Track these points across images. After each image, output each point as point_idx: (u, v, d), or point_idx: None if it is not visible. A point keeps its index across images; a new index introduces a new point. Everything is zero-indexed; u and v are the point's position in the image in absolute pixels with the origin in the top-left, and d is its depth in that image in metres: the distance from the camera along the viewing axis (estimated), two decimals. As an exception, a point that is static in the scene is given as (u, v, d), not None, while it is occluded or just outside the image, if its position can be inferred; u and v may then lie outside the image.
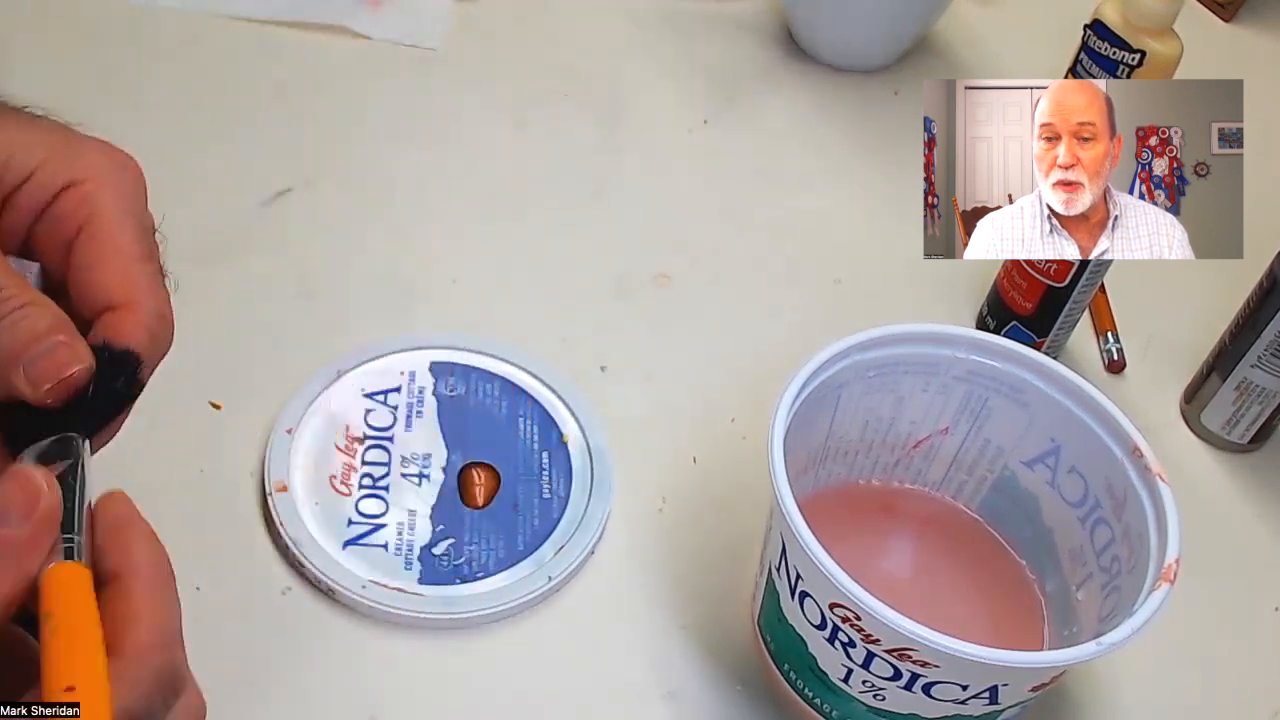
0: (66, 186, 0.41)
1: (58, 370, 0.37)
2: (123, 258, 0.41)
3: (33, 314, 0.38)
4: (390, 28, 0.77)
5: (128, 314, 0.40)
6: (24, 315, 0.38)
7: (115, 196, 0.41)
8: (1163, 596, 0.43)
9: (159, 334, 0.40)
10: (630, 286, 0.66)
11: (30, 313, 0.38)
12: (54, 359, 0.37)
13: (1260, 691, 0.54)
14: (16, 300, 0.38)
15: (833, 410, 0.52)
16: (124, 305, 0.40)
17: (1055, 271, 0.60)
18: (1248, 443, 0.63)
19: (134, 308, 0.40)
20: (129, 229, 0.41)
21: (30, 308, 0.38)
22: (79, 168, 0.41)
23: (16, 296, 0.38)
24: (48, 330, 0.38)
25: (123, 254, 0.41)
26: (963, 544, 0.55)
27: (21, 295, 0.38)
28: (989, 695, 0.44)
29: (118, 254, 0.41)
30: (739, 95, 0.78)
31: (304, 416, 0.56)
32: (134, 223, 0.41)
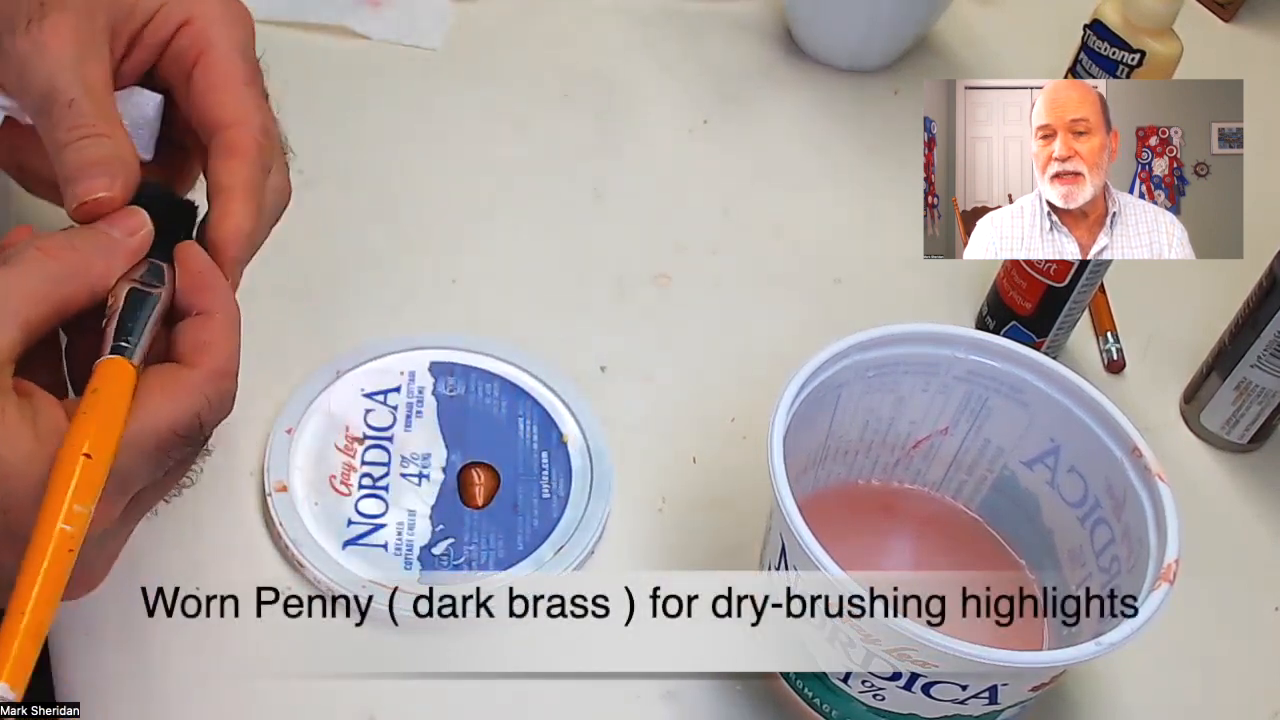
0: (183, 23, 0.46)
1: (88, 192, 0.42)
2: (233, 83, 0.46)
3: (96, 143, 0.42)
4: (390, 28, 0.77)
5: (237, 130, 0.45)
6: (89, 143, 0.42)
7: (226, 32, 0.46)
8: (1162, 596, 0.43)
9: (264, 145, 0.45)
10: (630, 286, 0.66)
11: (94, 141, 0.42)
12: (88, 184, 0.42)
13: (1260, 691, 0.54)
14: (88, 129, 0.42)
15: (832, 410, 0.52)
16: (234, 123, 0.45)
17: (1055, 271, 0.60)
18: (1247, 443, 0.63)
19: (242, 124, 0.45)
20: (237, 59, 0.46)
21: (97, 138, 0.42)
22: (195, 8, 0.46)
23: (89, 125, 0.43)
24: (104, 158, 0.42)
25: (233, 80, 0.46)
26: (962, 544, 0.55)
27: (93, 125, 0.43)
28: (989, 695, 0.44)
29: (228, 80, 0.46)
30: (739, 95, 0.78)
31: (304, 416, 0.56)
32: (241, 54, 0.46)
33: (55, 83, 0.43)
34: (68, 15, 0.44)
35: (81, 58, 0.44)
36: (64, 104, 0.43)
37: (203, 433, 0.39)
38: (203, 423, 0.39)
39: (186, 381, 0.39)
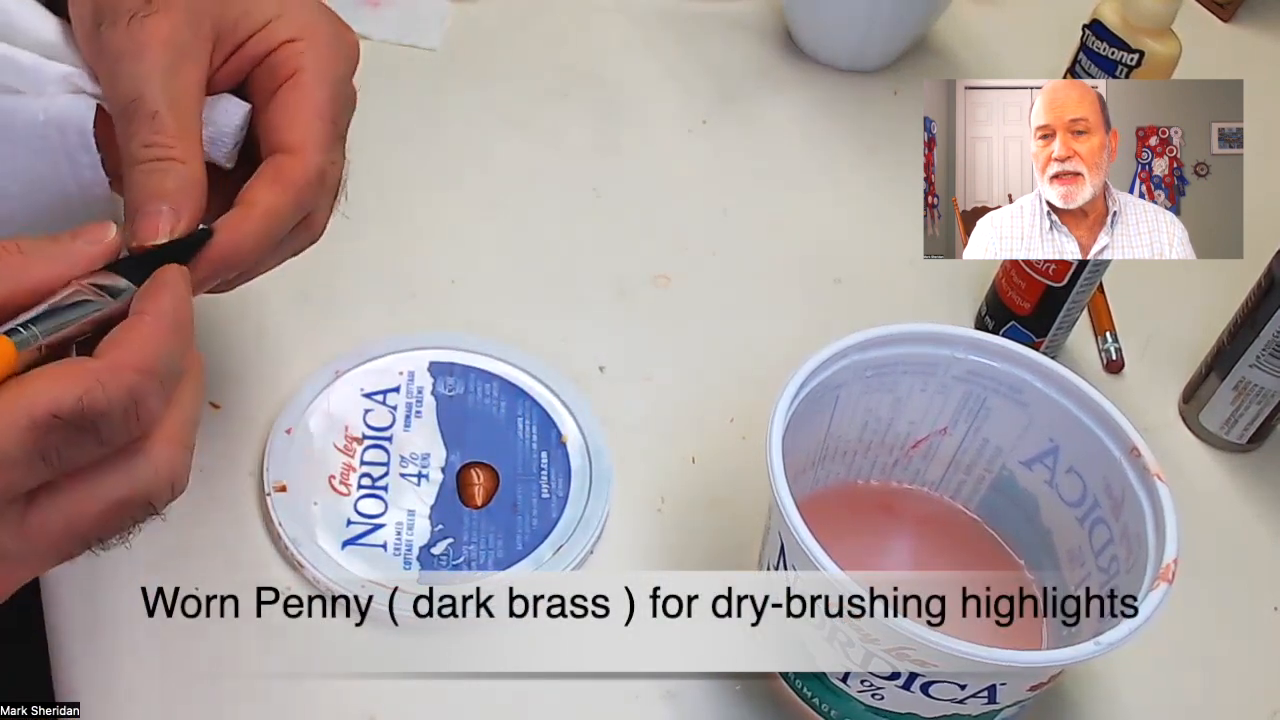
0: (288, 40, 0.45)
1: (147, 236, 0.40)
2: (309, 112, 0.44)
3: (172, 169, 0.41)
4: (390, 28, 0.77)
5: (292, 160, 0.43)
6: (162, 169, 0.41)
7: (325, 59, 0.45)
8: (1161, 596, 0.43)
9: (310, 186, 0.43)
10: (630, 286, 0.66)
11: (167, 168, 0.41)
12: (153, 223, 0.40)
13: (1260, 691, 0.54)
14: (164, 149, 0.41)
15: (831, 410, 0.52)
16: (292, 151, 0.43)
17: (1054, 271, 0.60)
18: (1246, 442, 0.63)
19: (299, 157, 0.43)
20: (324, 89, 0.44)
21: (170, 163, 0.41)
22: (304, 26, 0.45)
23: (166, 145, 0.41)
24: (168, 192, 0.41)
25: (310, 109, 0.44)
26: (962, 544, 0.55)
27: (170, 146, 0.41)
28: (987, 695, 0.44)
29: (306, 107, 0.44)
30: (739, 95, 0.78)
31: (303, 417, 0.56)
32: (331, 86, 0.45)
33: (142, 89, 0.41)
34: (172, 16, 0.42)
35: (177, 64, 0.42)
36: (146, 115, 0.41)
37: (94, 426, 0.35)
38: (91, 412, 0.34)
39: (78, 367, 0.35)
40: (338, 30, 0.47)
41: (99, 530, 0.37)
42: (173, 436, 0.37)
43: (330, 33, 0.46)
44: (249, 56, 0.45)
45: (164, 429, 0.37)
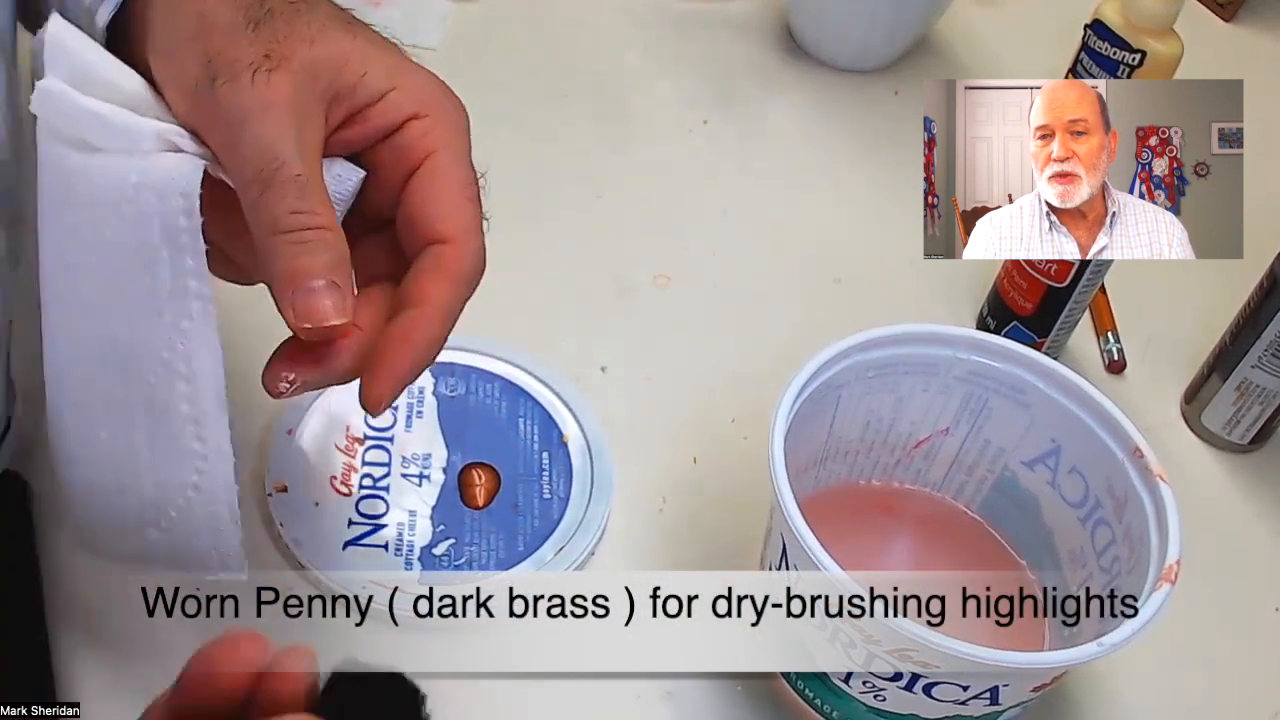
0: (413, 116, 0.43)
1: (322, 315, 0.38)
2: (458, 197, 0.43)
3: (324, 241, 0.38)
4: (390, 28, 0.77)
5: (455, 249, 0.42)
6: (317, 239, 0.38)
7: (456, 137, 0.44)
8: (1163, 597, 0.43)
9: (477, 271, 0.43)
10: (630, 286, 0.66)
11: (323, 238, 0.38)
12: (321, 301, 0.38)
13: (1261, 691, 0.54)
14: (310, 217, 0.38)
15: (833, 410, 0.52)
16: (452, 240, 0.42)
17: (1055, 271, 0.60)
18: (1248, 443, 0.63)
19: (461, 245, 0.42)
20: (465, 169, 0.43)
21: (325, 233, 0.39)
22: (425, 101, 0.43)
23: (312, 213, 0.38)
24: (326, 267, 0.38)
25: (458, 193, 0.43)
26: (963, 544, 0.55)
27: (316, 214, 0.39)
28: (990, 696, 0.44)
29: (454, 192, 0.42)
30: (739, 95, 0.78)
31: (304, 417, 0.56)
32: (467, 164, 0.43)
33: (278, 150, 0.38)
34: (291, 75, 0.39)
35: (303, 125, 0.39)
36: (288, 177, 0.38)
37: None
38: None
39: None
40: (454, 101, 0.45)
41: None
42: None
43: (449, 104, 0.44)
44: (372, 128, 0.42)
45: None
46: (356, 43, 0.42)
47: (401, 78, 0.43)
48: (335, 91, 0.41)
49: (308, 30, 0.41)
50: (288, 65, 0.39)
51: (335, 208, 0.42)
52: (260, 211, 0.38)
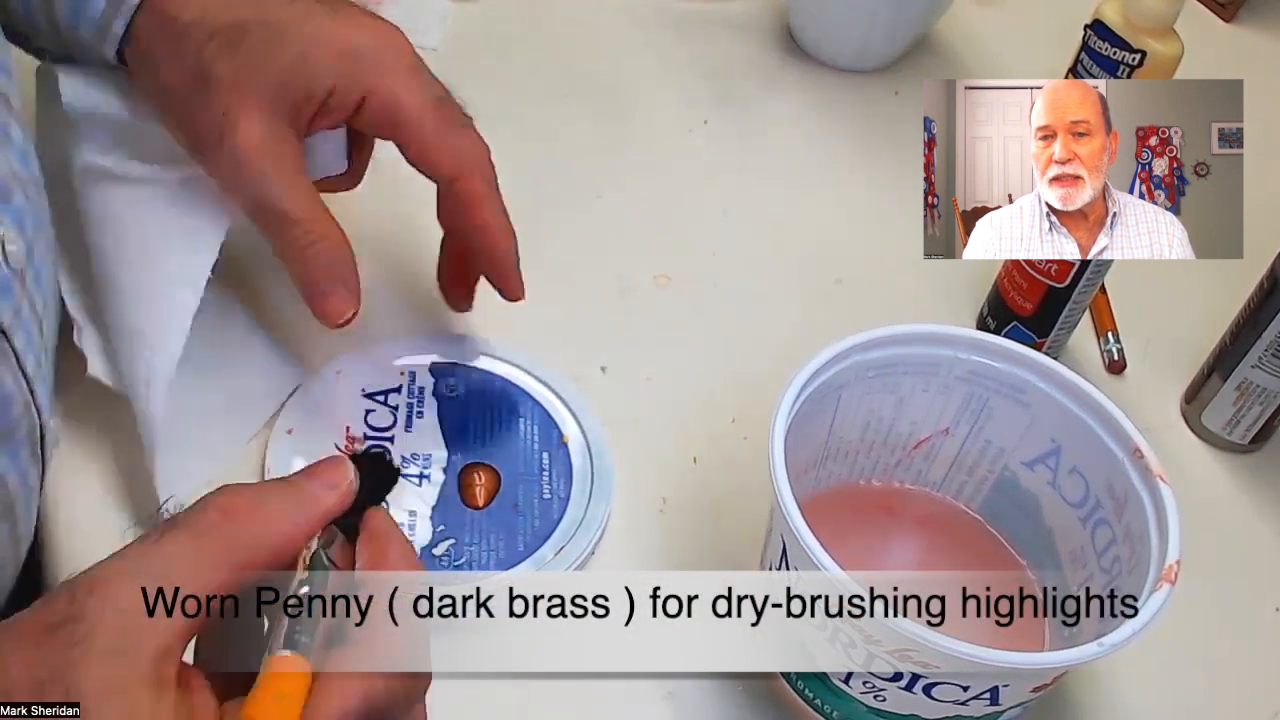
0: (364, 98, 0.50)
1: (337, 315, 0.49)
2: (438, 137, 0.51)
3: (319, 250, 0.48)
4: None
5: (467, 181, 0.52)
6: (319, 249, 0.48)
7: (405, 87, 0.50)
8: (1164, 597, 0.43)
9: (490, 178, 0.53)
10: (630, 286, 0.66)
11: (323, 247, 0.48)
12: (332, 303, 0.48)
13: (1261, 691, 0.54)
14: (311, 234, 0.48)
15: (833, 411, 0.52)
16: (460, 175, 0.52)
17: (1056, 272, 0.60)
18: (1248, 443, 0.63)
19: (468, 174, 0.52)
20: (428, 111, 0.50)
21: (319, 242, 0.48)
22: (367, 81, 0.49)
23: (310, 231, 0.48)
24: (329, 270, 0.48)
25: (436, 133, 0.51)
26: (963, 544, 0.55)
27: (313, 228, 0.48)
28: (990, 696, 0.44)
29: (433, 136, 0.51)
30: (739, 95, 0.78)
31: (305, 417, 0.56)
32: (427, 101, 0.50)
33: (265, 196, 0.48)
34: (252, 119, 0.47)
35: (279, 156, 0.48)
36: (277, 214, 0.48)
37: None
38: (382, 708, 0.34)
39: (364, 676, 0.34)
40: (387, 43, 0.51)
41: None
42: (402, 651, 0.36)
43: (385, 55, 0.51)
44: (335, 116, 0.50)
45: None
46: (303, 38, 0.49)
47: (341, 63, 0.49)
48: (294, 109, 0.48)
49: (268, 48, 0.48)
50: (246, 115, 0.47)
51: (334, 165, 0.54)
52: (272, 243, 0.48)
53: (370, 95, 0.49)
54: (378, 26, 0.51)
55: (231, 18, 0.48)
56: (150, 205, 0.52)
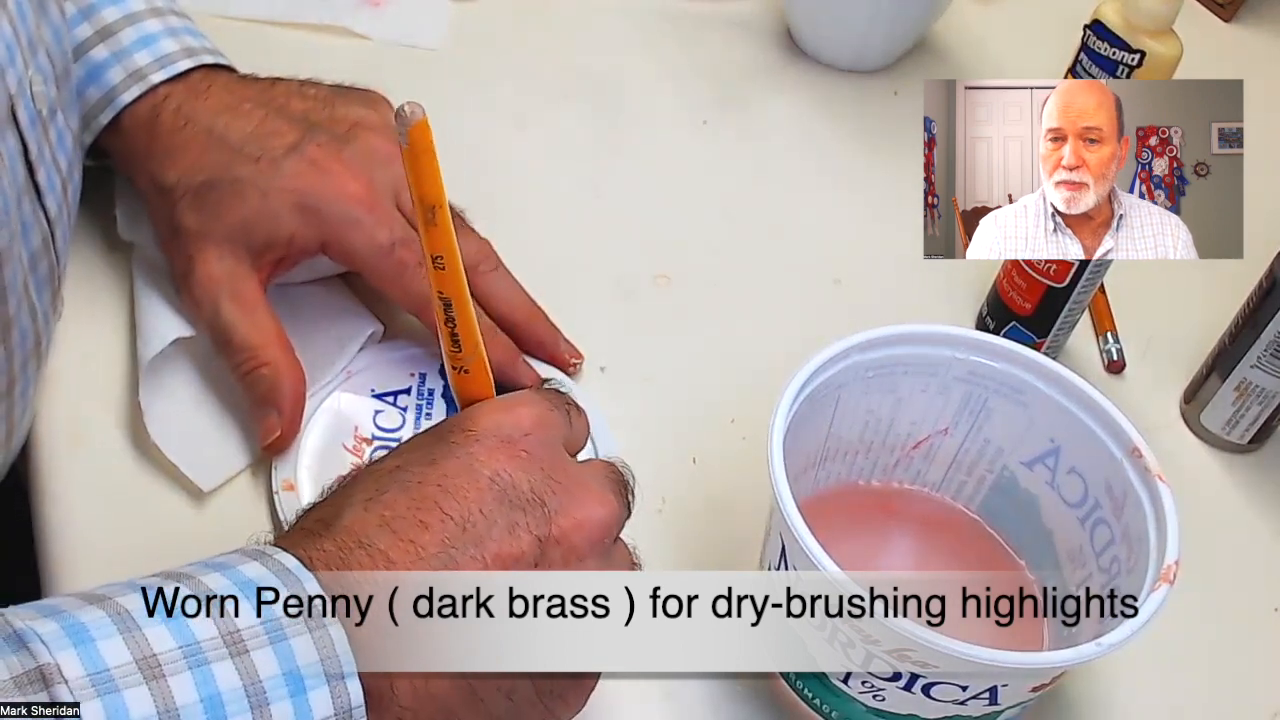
0: (323, 247, 0.55)
1: (264, 436, 0.53)
2: (394, 282, 0.56)
3: (259, 377, 0.53)
4: (390, 28, 0.77)
5: (429, 315, 0.52)
6: (255, 378, 0.53)
7: (355, 239, 0.55)
8: (1162, 597, 0.43)
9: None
10: (630, 286, 0.66)
11: (257, 376, 0.53)
12: (263, 426, 0.53)
13: (1260, 691, 0.54)
14: (251, 361, 0.53)
15: (832, 411, 0.52)
16: (421, 310, 0.56)
17: (1055, 272, 0.60)
18: (1248, 443, 0.63)
19: (427, 309, 0.51)
20: (382, 261, 0.55)
21: (258, 370, 0.53)
22: (321, 227, 0.55)
23: (251, 358, 0.53)
24: (266, 397, 0.53)
25: (390, 279, 0.56)
26: (962, 544, 0.55)
27: (254, 357, 0.53)
28: (989, 696, 0.44)
29: (389, 283, 0.56)
30: (739, 95, 0.78)
31: (312, 416, 0.56)
32: (380, 249, 0.55)
33: (215, 325, 0.54)
34: (210, 260, 0.54)
35: (234, 291, 0.54)
36: (224, 341, 0.54)
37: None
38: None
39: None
40: (324, 208, 0.55)
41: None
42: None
43: (337, 211, 0.55)
44: (300, 259, 0.57)
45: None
46: (260, 192, 0.54)
47: (294, 214, 0.54)
48: (254, 253, 0.55)
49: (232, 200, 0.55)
50: (204, 260, 0.54)
51: (332, 269, 0.59)
52: (224, 361, 0.55)
53: (327, 243, 0.55)
54: (329, 179, 0.55)
55: (202, 178, 0.55)
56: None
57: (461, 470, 0.41)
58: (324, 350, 0.58)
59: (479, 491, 0.40)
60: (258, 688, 0.35)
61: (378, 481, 0.41)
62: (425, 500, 0.40)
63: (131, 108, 0.56)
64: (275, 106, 0.57)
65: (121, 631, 0.35)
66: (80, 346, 0.58)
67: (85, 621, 0.35)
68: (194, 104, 0.57)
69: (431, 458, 0.41)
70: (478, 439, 0.42)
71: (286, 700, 0.36)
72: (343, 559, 0.38)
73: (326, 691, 0.36)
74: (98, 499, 0.53)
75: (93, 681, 0.33)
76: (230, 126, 0.56)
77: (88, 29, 0.57)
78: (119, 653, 0.34)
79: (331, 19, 0.76)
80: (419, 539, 0.39)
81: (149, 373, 0.54)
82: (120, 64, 0.57)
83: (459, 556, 0.39)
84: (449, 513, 0.40)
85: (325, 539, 0.39)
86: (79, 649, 0.34)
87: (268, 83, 0.59)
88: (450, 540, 0.39)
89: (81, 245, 0.61)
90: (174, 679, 0.34)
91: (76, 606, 0.35)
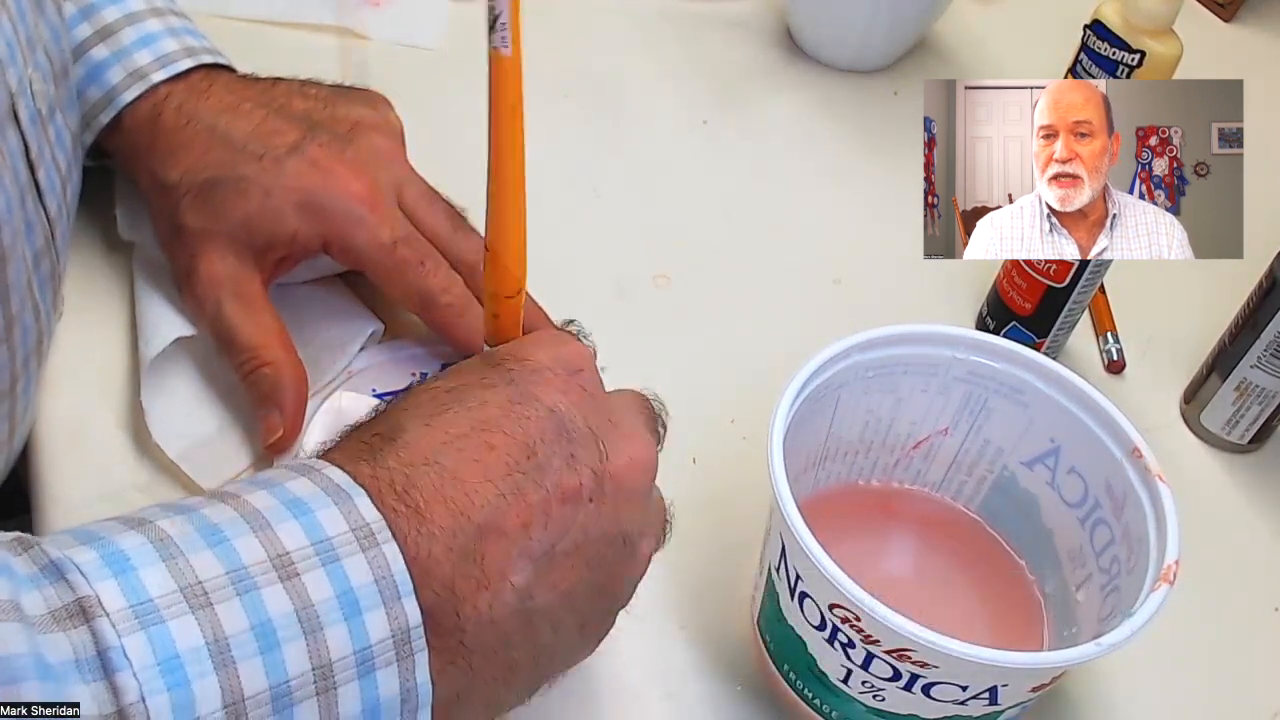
0: (325, 246, 0.55)
1: (265, 438, 0.53)
2: (398, 278, 0.55)
3: (261, 376, 0.53)
4: (390, 28, 0.77)
5: (434, 311, 0.56)
6: (257, 377, 0.53)
7: (358, 236, 0.55)
8: (1162, 597, 0.43)
9: (463, 300, 0.56)
10: (630, 286, 0.66)
11: (259, 375, 0.53)
12: (264, 428, 0.53)
13: (1260, 692, 0.54)
14: (253, 361, 0.53)
15: (832, 411, 0.52)
16: (427, 305, 0.56)
17: (1055, 272, 0.60)
18: (1248, 443, 0.63)
19: (433, 303, 0.56)
20: (385, 257, 0.55)
21: (261, 370, 0.53)
22: (323, 225, 0.55)
23: (253, 359, 0.53)
24: (267, 397, 0.53)
25: (395, 274, 0.55)
26: (962, 544, 0.55)
27: (257, 357, 0.53)
28: (989, 696, 0.44)
29: (393, 277, 0.55)
30: (739, 95, 0.78)
31: (313, 415, 0.56)
32: (382, 245, 0.55)
33: (218, 324, 0.54)
34: (213, 259, 0.54)
35: (236, 291, 0.54)
36: (227, 341, 0.53)
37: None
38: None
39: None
40: (330, 200, 0.55)
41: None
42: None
43: (340, 205, 0.55)
44: (302, 257, 0.56)
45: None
46: (263, 191, 0.54)
47: (298, 211, 0.54)
48: (256, 252, 0.54)
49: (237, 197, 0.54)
50: (208, 261, 0.54)
51: (334, 268, 0.59)
52: (227, 360, 0.54)
53: (329, 242, 0.55)
54: (332, 178, 0.55)
55: (205, 176, 0.54)
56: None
57: (523, 398, 0.40)
58: (325, 350, 0.58)
59: (539, 421, 0.39)
60: (310, 612, 0.33)
61: (436, 400, 0.40)
62: (489, 422, 0.39)
63: (132, 107, 0.56)
64: (276, 106, 0.57)
65: (164, 558, 0.33)
66: (81, 347, 0.58)
67: (125, 549, 0.33)
68: (195, 103, 0.57)
69: (491, 382, 0.40)
70: (535, 369, 0.41)
71: (342, 624, 0.34)
72: (408, 476, 0.37)
73: (383, 613, 0.34)
74: (98, 499, 0.53)
75: (136, 613, 0.31)
76: (232, 126, 0.56)
77: (87, 29, 0.57)
78: (163, 581, 0.32)
79: (331, 19, 0.76)
80: (485, 459, 0.38)
81: (150, 372, 0.54)
82: (121, 63, 0.56)
83: (524, 484, 0.38)
84: (514, 436, 0.38)
85: (388, 454, 0.37)
86: (120, 579, 0.32)
87: (268, 83, 0.59)
88: (516, 464, 0.38)
89: (81, 245, 0.61)
90: (221, 606, 0.32)
91: (117, 531, 0.33)
